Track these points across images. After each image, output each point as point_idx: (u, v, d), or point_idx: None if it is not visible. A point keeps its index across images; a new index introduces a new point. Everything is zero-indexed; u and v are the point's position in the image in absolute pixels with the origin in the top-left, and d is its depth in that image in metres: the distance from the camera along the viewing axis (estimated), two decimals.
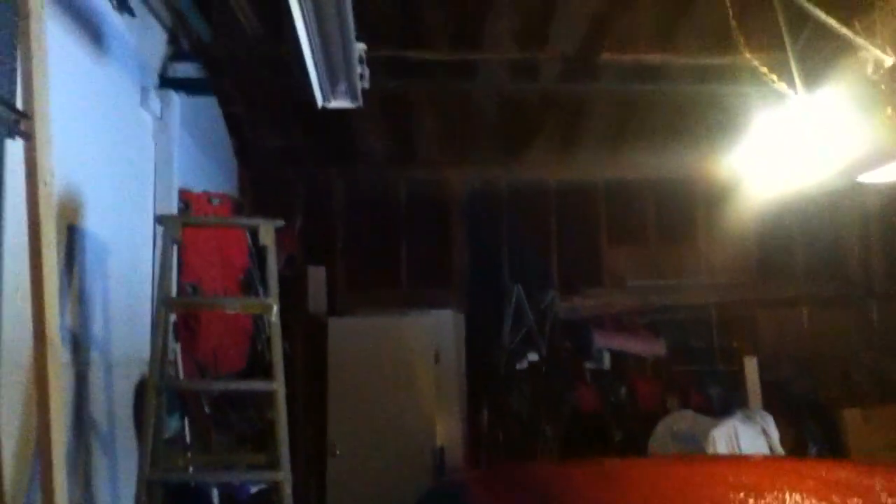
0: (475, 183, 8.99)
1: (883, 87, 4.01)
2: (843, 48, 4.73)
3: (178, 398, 4.80)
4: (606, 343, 8.30)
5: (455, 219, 8.95)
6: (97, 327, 4.14)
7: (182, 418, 4.88)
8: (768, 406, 7.64)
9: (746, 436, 6.71)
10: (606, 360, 8.31)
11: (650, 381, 8.26)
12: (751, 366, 7.70)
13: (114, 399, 4.27)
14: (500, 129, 8.38)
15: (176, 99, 5.35)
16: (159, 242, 4.44)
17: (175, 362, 5.01)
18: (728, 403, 7.88)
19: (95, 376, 4.05)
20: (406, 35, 6.27)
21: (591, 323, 8.46)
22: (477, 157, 8.80)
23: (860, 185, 4.51)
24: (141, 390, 4.43)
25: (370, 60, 4.02)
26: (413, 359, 7.25)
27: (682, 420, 7.26)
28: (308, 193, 8.78)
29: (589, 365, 8.29)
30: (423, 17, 6.36)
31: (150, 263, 4.95)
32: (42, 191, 2.97)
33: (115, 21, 4.42)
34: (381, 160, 8.77)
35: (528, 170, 8.94)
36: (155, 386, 3.88)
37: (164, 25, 5.38)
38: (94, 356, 4.06)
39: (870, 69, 4.13)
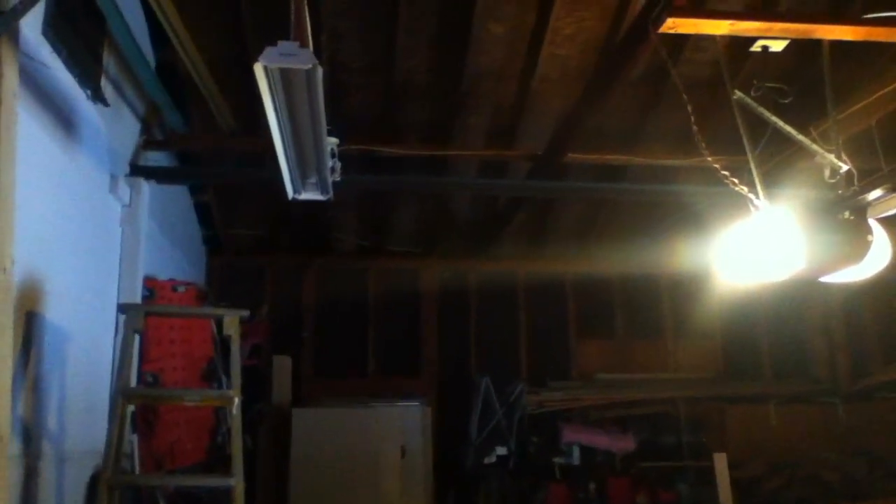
0: (445, 275, 9.02)
1: (840, 191, 4.14)
2: (801, 151, 4.90)
3: (133, 493, 4.63)
4: (575, 438, 8.20)
5: (424, 310, 8.93)
6: (52, 418, 4.01)
7: None
8: None
9: None
10: (576, 455, 8.19)
11: (620, 478, 8.13)
12: (721, 462, 7.60)
13: (65, 494, 4.11)
14: (470, 223, 8.48)
15: (145, 187, 5.36)
16: (121, 330, 4.35)
17: (132, 455, 4.86)
18: (697, 501, 7.77)
19: (47, 470, 3.90)
20: (380, 131, 6.39)
21: (560, 417, 8.38)
22: (447, 250, 8.86)
23: (823, 284, 4.58)
24: (94, 485, 4.26)
25: (344, 154, 4.08)
26: (379, 452, 7.08)
27: None
28: (277, 283, 8.74)
29: (558, 460, 8.16)
30: (397, 115, 6.51)
31: (110, 352, 4.85)
32: (0, 278, 2.93)
33: (87, 110, 4.46)
34: (352, 251, 8.80)
35: (498, 263, 9.01)
36: (108, 481, 3.74)
37: (137, 115, 5.44)
38: (47, 448, 3.92)
39: (826, 173, 4.26)
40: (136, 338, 4.23)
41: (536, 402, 8.35)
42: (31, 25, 3.61)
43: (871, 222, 3.96)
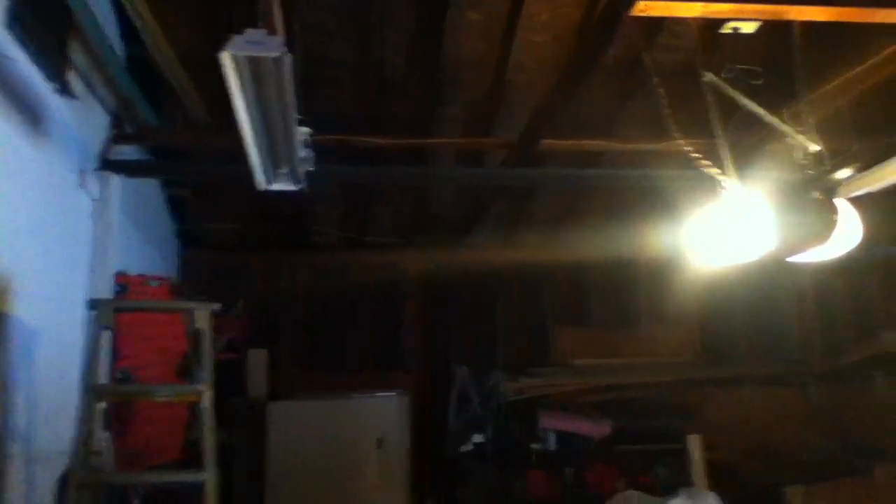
0: (425, 266, 9.00)
1: (810, 171, 4.17)
2: (772, 133, 4.92)
3: (106, 492, 4.56)
4: (552, 424, 8.22)
5: (403, 301, 8.90)
6: (20, 417, 3.94)
7: None
8: (715, 486, 7.60)
9: None
10: (553, 441, 8.22)
11: (598, 463, 8.17)
12: (694, 444, 7.67)
13: (35, 494, 4.04)
14: (448, 213, 8.46)
15: (116, 181, 5.28)
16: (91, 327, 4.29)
17: (105, 453, 4.79)
18: (675, 484, 7.82)
19: (16, 470, 3.84)
20: (357, 123, 6.34)
21: (538, 404, 8.39)
22: (426, 240, 8.83)
23: (797, 264, 4.62)
24: (64, 485, 4.20)
25: (322, 147, 4.05)
26: (357, 444, 7.08)
27: (627, 501, 7.16)
28: (255, 277, 8.67)
29: (535, 446, 8.18)
30: (374, 107, 6.46)
31: (80, 349, 4.78)
32: None
33: (55, 103, 4.38)
34: (330, 244, 8.74)
35: (476, 252, 9.00)
36: (77, 479, 3.68)
37: (106, 108, 5.35)
38: (16, 448, 3.85)
39: (797, 154, 4.29)
40: (108, 334, 4.18)
41: (515, 389, 8.36)
42: None
43: (842, 202, 3.99)
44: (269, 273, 8.73)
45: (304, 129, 3.86)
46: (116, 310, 4.22)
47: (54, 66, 4.36)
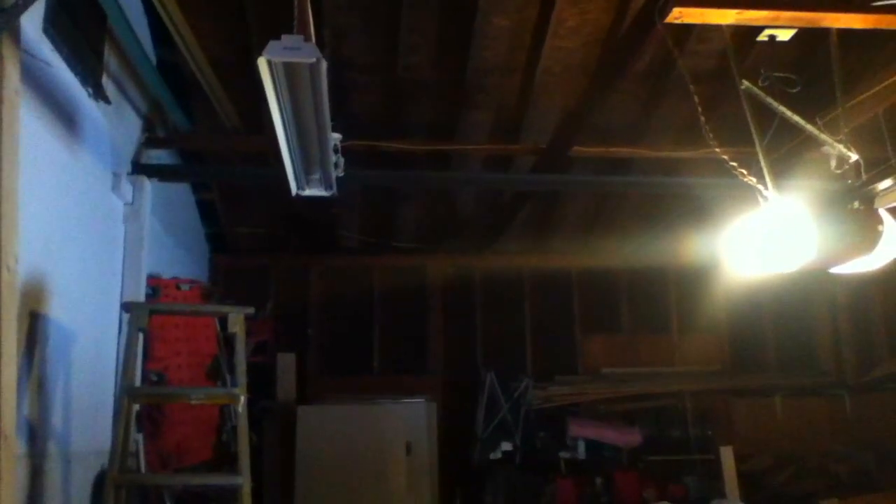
0: (450, 271, 8.99)
1: (849, 181, 4.10)
2: (807, 142, 4.86)
3: (140, 492, 4.61)
4: (581, 432, 8.17)
5: (430, 307, 8.90)
6: (56, 417, 3.99)
7: None
8: (746, 497, 7.52)
9: None
10: (582, 450, 8.17)
11: (627, 472, 8.10)
12: (727, 455, 7.59)
13: (71, 494, 4.09)
14: (474, 219, 8.45)
15: (148, 185, 5.33)
16: (125, 329, 4.32)
17: (137, 454, 4.84)
18: (705, 494, 7.75)
19: (52, 469, 3.88)
20: (384, 128, 6.35)
21: (567, 412, 8.35)
22: (452, 245, 8.83)
23: (829, 276, 4.54)
24: (100, 484, 4.25)
25: (349, 152, 4.05)
26: (384, 449, 7.08)
27: None
28: (282, 281, 8.72)
29: (564, 455, 8.14)
30: (401, 112, 6.47)
31: (114, 351, 4.83)
32: (4, 276, 2.91)
33: (89, 108, 4.44)
34: (357, 248, 8.77)
35: (503, 258, 8.98)
36: (114, 480, 3.72)
37: (139, 113, 5.41)
38: (52, 448, 3.90)
39: (833, 164, 4.22)
40: (141, 336, 4.21)
41: (543, 397, 8.32)
42: (32, 23, 3.58)
43: (881, 212, 3.93)
44: (294, 276, 8.77)
45: (336, 135, 3.87)
46: (151, 312, 4.25)
47: (89, 70, 4.42)
